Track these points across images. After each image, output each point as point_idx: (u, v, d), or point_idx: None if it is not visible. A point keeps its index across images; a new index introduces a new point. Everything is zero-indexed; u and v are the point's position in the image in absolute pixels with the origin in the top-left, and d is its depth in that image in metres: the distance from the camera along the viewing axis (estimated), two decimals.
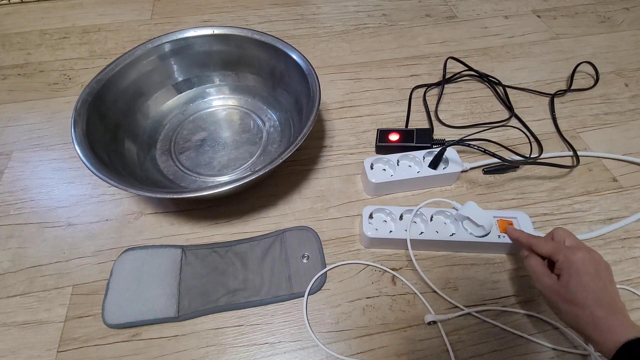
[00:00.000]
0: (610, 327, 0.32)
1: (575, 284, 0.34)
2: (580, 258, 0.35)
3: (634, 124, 0.62)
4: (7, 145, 0.59)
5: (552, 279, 0.36)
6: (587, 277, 0.34)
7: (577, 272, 0.35)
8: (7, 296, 0.45)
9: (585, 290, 0.34)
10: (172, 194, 0.44)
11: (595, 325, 0.33)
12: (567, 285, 0.35)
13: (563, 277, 0.35)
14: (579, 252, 0.36)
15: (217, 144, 0.58)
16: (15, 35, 0.79)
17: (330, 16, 0.83)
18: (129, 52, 0.55)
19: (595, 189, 0.53)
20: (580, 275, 0.34)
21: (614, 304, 0.33)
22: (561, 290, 0.35)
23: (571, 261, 0.35)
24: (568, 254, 0.36)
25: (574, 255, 0.35)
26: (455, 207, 0.47)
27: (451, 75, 0.68)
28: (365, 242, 0.47)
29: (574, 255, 0.35)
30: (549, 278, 0.37)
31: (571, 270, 0.35)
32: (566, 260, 0.36)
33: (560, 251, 0.37)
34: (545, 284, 0.37)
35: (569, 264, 0.35)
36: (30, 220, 0.51)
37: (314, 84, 0.51)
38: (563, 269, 0.36)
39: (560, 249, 0.37)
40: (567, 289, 0.35)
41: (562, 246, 0.37)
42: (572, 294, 0.34)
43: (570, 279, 0.35)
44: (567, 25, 0.80)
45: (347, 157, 0.57)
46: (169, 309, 0.43)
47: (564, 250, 0.36)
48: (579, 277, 0.34)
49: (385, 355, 0.40)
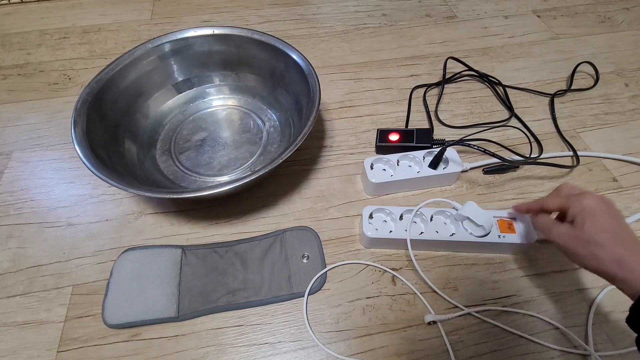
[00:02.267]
0: (634, 265, 0.31)
1: (591, 225, 0.34)
2: (592, 201, 0.35)
3: (634, 124, 0.62)
4: (7, 145, 0.59)
5: (565, 227, 0.36)
6: (602, 217, 0.34)
7: (591, 214, 0.34)
8: (7, 296, 0.45)
9: (603, 229, 0.34)
10: (172, 194, 0.44)
11: (619, 264, 0.32)
12: (583, 227, 0.34)
13: (577, 222, 0.35)
14: (589, 197, 0.36)
15: (217, 144, 0.58)
16: (15, 35, 0.79)
17: (330, 16, 0.83)
18: (129, 52, 0.55)
19: (595, 189, 0.53)
20: (595, 217, 0.34)
21: (633, 241, 0.33)
22: (578, 233, 0.35)
23: (583, 205, 0.35)
24: (579, 199, 0.36)
25: (585, 200, 0.35)
26: (455, 207, 0.47)
27: (451, 75, 0.68)
28: (365, 242, 0.47)
29: (584, 199, 0.35)
30: (563, 226, 0.37)
31: (585, 214, 0.35)
32: (578, 205, 0.35)
33: (570, 200, 0.37)
34: (560, 233, 0.36)
35: (581, 208, 0.35)
36: (30, 220, 0.51)
37: (314, 84, 0.51)
38: (576, 214, 0.35)
39: (570, 198, 0.37)
40: (583, 232, 0.34)
41: (571, 196, 0.37)
42: (590, 235, 0.34)
43: (585, 221, 0.34)
44: (567, 25, 0.80)
45: (347, 157, 0.57)
46: (169, 309, 0.43)
47: (573, 199, 0.37)
48: (593, 219, 0.34)
49: (385, 355, 0.40)
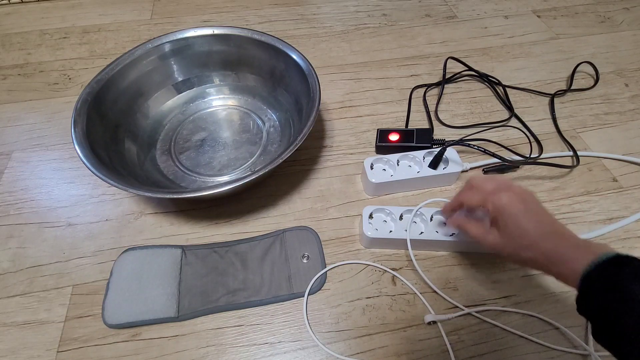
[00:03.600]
0: (562, 257, 0.32)
1: (514, 228, 0.34)
2: (507, 200, 0.35)
3: (634, 124, 0.62)
4: (7, 145, 0.59)
5: (494, 235, 0.36)
6: (521, 217, 0.34)
7: (510, 216, 0.34)
8: (7, 296, 0.45)
9: (525, 230, 0.33)
10: (172, 194, 0.44)
11: (550, 261, 0.32)
12: (507, 232, 0.35)
13: (500, 227, 0.35)
14: (503, 195, 0.35)
15: (217, 144, 0.58)
16: (15, 35, 0.79)
17: (330, 16, 0.83)
18: (129, 52, 0.55)
19: (595, 189, 0.53)
20: (515, 218, 0.34)
21: (556, 232, 0.33)
22: (506, 240, 0.35)
23: (500, 207, 0.35)
24: (494, 200, 0.35)
25: (500, 200, 0.35)
26: None
27: (451, 75, 0.68)
28: (365, 242, 0.47)
29: (500, 200, 0.35)
30: (491, 235, 0.36)
31: (504, 217, 0.35)
32: (495, 208, 0.35)
33: (487, 199, 0.36)
34: (490, 243, 0.36)
35: (499, 211, 0.35)
36: (30, 220, 0.51)
37: (314, 84, 0.51)
38: (497, 217, 0.35)
39: (487, 197, 0.36)
40: (510, 237, 0.34)
41: (487, 194, 0.37)
42: (517, 240, 0.34)
43: (507, 226, 0.34)
44: (567, 25, 0.80)
45: (347, 157, 0.57)
46: (169, 309, 0.43)
47: (489, 198, 0.36)
48: (514, 221, 0.34)
49: (385, 355, 0.40)
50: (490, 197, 0.36)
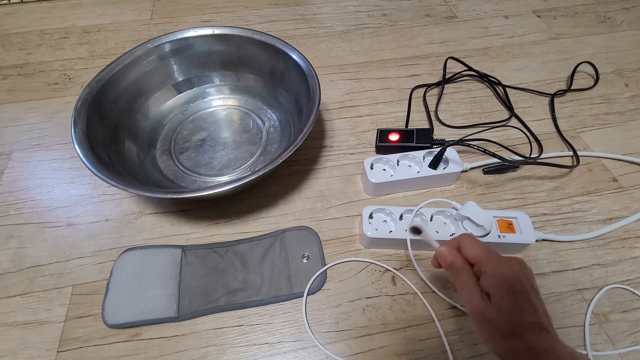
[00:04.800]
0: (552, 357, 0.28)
1: (510, 309, 0.29)
2: (511, 271, 0.30)
3: (634, 124, 0.62)
4: (7, 145, 0.59)
5: (484, 302, 0.30)
6: (522, 299, 0.29)
7: (509, 293, 0.29)
8: (7, 296, 0.45)
9: (522, 316, 0.29)
10: (172, 194, 0.44)
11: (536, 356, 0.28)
12: (500, 309, 0.29)
13: (495, 297, 0.30)
14: (508, 264, 0.31)
15: (217, 144, 0.58)
16: (15, 35, 0.79)
17: (330, 16, 0.83)
18: (129, 52, 0.55)
19: (595, 189, 0.53)
20: (515, 297, 0.29)
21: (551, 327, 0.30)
22: (494, 316, 0.29)
23: (502, 276, 0.30)
24: (498, 265, 0.31)
25: (504, 269, 0.30)
26: (455, 207, 0.47)
27: (451, 75, 0.68)
28: (365, 242, 0.47)
29: (504, 268, 0.30)
30: (482, 300, 0.30)
31: (503, 290, 0.30)
32: (496, 275, 0.30)
33: (489, 260, 0.31)
34: (477, 308, 0.30)
35: (500, 279, 0.30)
36: (30, 220, 0.51)
37: (314, 84, 0.51)
38: (494, 287, 0.30)
39: (490, 258, 0.31)
40: (501, 316, 0.29)
41: (491, 255, 0.32)
42: (508, 322, 0.29)
43: (503, 302, 0.29)
44: (567, 25, 0.80)
45: (347, 157, 0.57)
46: (169, 309, 0.43)
47: (493, 261, 0.31)
48: (513, 300, 0.29)
49: (385, 355, 0.40)
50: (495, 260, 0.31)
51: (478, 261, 0.32)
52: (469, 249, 0.33)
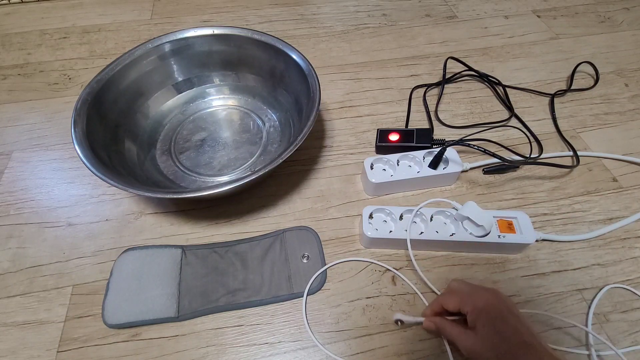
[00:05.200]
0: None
1: (491, 333, 0.33)
2: (485, 302, 0.34)
3: (634, 124, 0.62)
4: (7, 145, 0.59)
5: (472, 338, 0.34)
6: (501, 324, 0.33)
7: (488, 319, 0.33)
8: (7, 296, 0.45)
9: (506, 337, 0.32)
10: (172, 194, 0.44)
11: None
12: (485, 337, 0.33)
13: (478, 330, 0.33)
14: (482, 297, 0.35)
15: (217, 144, 0.58)
16: (15, 35, 0.79)
17: (330, 16, 0.83)
18: (129, 52, 0.55)
19: (595, 189, 0.53)
20: (493, 321, 0.33)
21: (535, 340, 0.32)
22: (482, 345, 0.33)
23: (479, 309, 0.34)
24: (473, 301, 0.35)
25: (479, 302, 0.34)
26: (455, 207, 0.47)
27: (451, 75, 0.68)
28: (365, 242, 0.47)
29: (479, 301, 0.34)
30: (469, 337, 0.34)
31: (482, 319, 0.34)
32: (474, 310, 0.34)
33: (465, 301, 0.35)
34: (468, 346, 0.34)
35: (477, 312, 0.34)
36: (30, 220, 0.51)
37: (314, 84, 0.51)
38: (475, 320, 0.34)
39: (465, 299, 0.36)
40: (487, 341, 0.33)
41: (465, 296, 0.36)
42: (495, 348, 0.32)
43: (486, 329, 0.33)
44: (567, 25, 0.80)
45: (347, 157, 0.57)
46: (169, 309, 0.43)
47: (468, 300, 0.35)
48: (493, 325, 0.33)
49: (385, 355, 0.40)
50: (469, 299, 0.35)
51: (459, 307, 0.36)
52: (448, 303, 0.37)
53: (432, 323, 0.38)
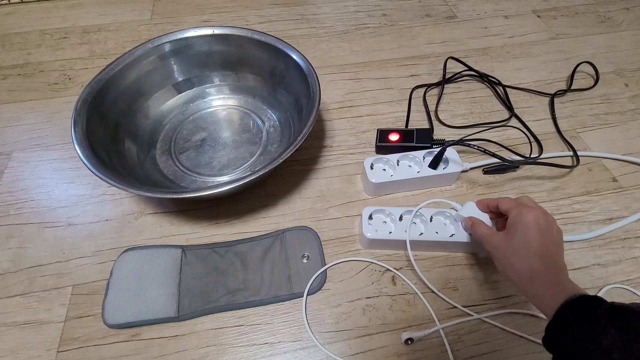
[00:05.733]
0: (546, 281, 0.32)
1: (520, 238, 0.35)
2: (533, 215, 0.35)
3: (634, 124, 0.62)
4: (7, 145, 0.59)
5: (499, 237, 0.37)
6: (533, 232, 0.35)
7: (524, 227, 0.35)
8: (7, 296, 0.45)
9: (528, 244, 0.34)
10: (172, 194, 0.44)
11: (531, 278, 0.33)
12: (512, 239, 0.35)
13: (509, 232, 0.36)
14: (533, 211, 0.36)
15: (217, 144, 0.58)
16: (15, 35, 0.79)
17: (330, 16, 0.83)
18: (129, 52, 0.55)
19: (595, 189, 0.53)
20: (527, 230, 0.35)
21: (554, 261, 0.34)
22: (506, 243, 0.36)
23: (522, 216, 0.36)
24: (522, 210, 0.36)
25: (527, 212, 0.36)
26: (454, 207, 0.47)
27: (451, 75, 0.68)
28: (365, 243, 0.47)
29: (527, 212, 0.36)
30: (497, 236, 0.37)
31: (519, 225, 0.35)
32: (518, 215, 0.36)
33: (516, 207, 0.37)
34: (492, 242, 0.37)
35: (519, 218, 0.36)
36: (30, 220, 0.51)
37: (314, 84, 0.51)
38: (512, 224, 0.36)
39: (518, 206, 0.37)
40: (511, 242, 0.35)
41: (521, 204, 0.38)
42: (515, 247, 0.35)
43: (517, 233, 0.35)
44: (567, 25, 0.80)
45: (347, 157, 0.57)
46: (169, 309, 0.43)
47: (520, 207, 0.37)
48: (525, 232, 0.35)
49: (385, 355, 0.40)
50: (522, 207, 0.37)
51: (509, 209, 0.38)
52: (503, 202, 0.39)
53: (470, 220, 0.42)
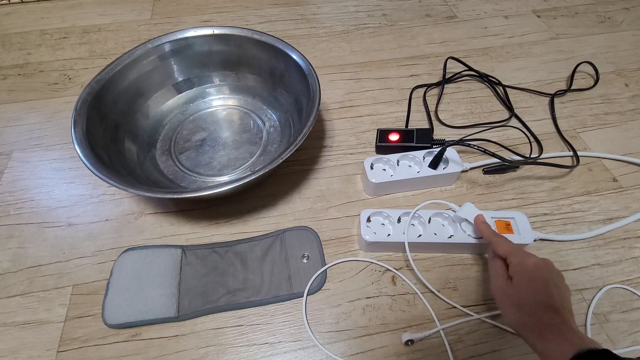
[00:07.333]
0: (557, 334, 0.31)
1: (526, 288, 0.34)
2: (534, 263, 0.35)
3: (634, 124, 0.62)
4: (7, 145, 0.59)
5: (505, 281, 0.36)
6: (538, 283, 0.34)
7: (528, 277, 0.35)
8: (7, 296, 0.45)
9: (535, 295, 0.34)
10: (172, 194, 0.44)
11: (541, 333, 0.32)
12: (518, 288, 0.35)
13: (515, 280, 0.35)
14: (531, 258, 0.36)
15: (217, 144, 0.58)
16: (15, 35, 0.79)
17: (330, 16, 0.83)
18: (129, 52, 0.55)
19: (595, 189, 0.53)
20: (532, 281, 0.34)
21: (563, 310, 0.33)
22: (512, 292, 0.35)
23: (524, 265, 0.35)
24: (522, 257, 0.36)
25: (528, 260, 0.36)
26: (452, 208, 0.47)
27: (451, 75, 0.68)
28: (364, 245, 0.47)
29: (528, 259, 0.36)
30: (503, 279, 0.37)
31: (523, 275, 0.35)
32: (519, 264, 0.36)
33: (515, 254, 0.37)
34: (498, 285, 0.37)
35: (522, 267, 0.35)
36: (30, 220, 0.51)
37: (314, 84, 0.51)
38: (516, 272, 0.36)
39: (517, 252, 0.37)
40: (517, 293, 0.35)
41: (518, 249, 0.38)
42: (521, 299, 0.34)
43: (521, 283, 0.35)
44: (567, 25, 0.80)
45: (347, 157, 0.57)
46: (169, 309, 0.43)
47: (519, 254, 0.37)
48: (530, 282, 0.34)
49: (385, 355, 0.40)
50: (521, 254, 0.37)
51: (507, 255, 0.38)
52: (500, 246, 0.39)
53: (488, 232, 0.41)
